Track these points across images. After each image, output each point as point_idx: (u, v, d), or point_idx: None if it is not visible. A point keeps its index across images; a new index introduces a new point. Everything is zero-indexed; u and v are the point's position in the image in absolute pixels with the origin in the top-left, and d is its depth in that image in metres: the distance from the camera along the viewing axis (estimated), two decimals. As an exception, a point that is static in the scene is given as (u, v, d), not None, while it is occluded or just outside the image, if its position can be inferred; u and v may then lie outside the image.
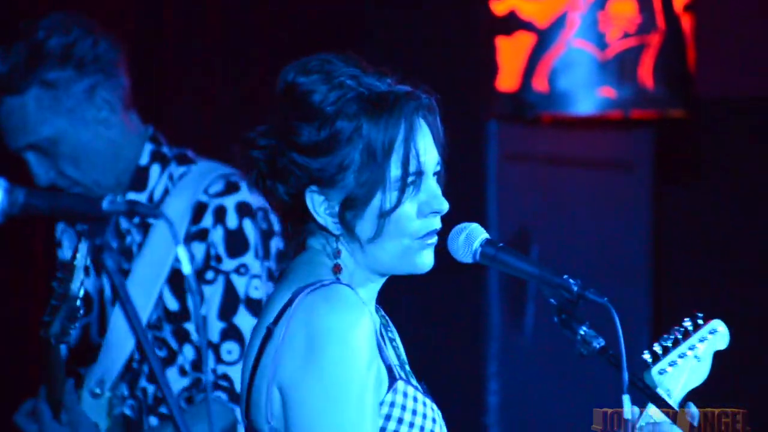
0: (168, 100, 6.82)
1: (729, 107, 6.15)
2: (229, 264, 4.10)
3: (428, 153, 2.74)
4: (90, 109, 4.04)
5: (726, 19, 6.18)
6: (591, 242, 5.45)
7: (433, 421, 2.75)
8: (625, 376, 2.57)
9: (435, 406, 2.78)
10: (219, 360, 4.00)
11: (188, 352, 4.27)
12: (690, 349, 2.98)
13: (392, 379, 2.66)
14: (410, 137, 2.72)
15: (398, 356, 2.89)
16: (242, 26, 6.67)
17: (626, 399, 2.74)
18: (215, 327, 3.99)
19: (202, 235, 4.16)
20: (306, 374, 2.68)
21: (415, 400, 2.71)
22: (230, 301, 4.09)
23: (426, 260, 2.72)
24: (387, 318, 2.96)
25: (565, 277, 2.62)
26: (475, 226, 2.67)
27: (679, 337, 2.99)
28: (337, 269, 2.67)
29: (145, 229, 4.27)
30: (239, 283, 4.09)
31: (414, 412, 2.74)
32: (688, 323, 2.97)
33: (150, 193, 4.28)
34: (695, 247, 5.95)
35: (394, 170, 2.68)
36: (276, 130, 2.69)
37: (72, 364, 4.16)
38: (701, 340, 3.01)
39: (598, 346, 2.54)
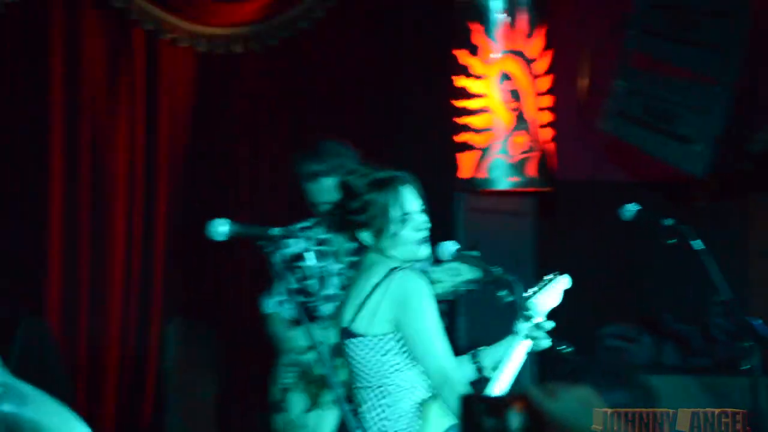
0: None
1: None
2: None
3: (413, 201, 4.57)
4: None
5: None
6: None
7: None
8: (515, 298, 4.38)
9: None
10: None
11: None
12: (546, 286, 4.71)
13: None
14: (400, 197, 4.55)
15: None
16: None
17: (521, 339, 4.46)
18: None
19: None
20: (411, 304, 4.45)
21: None
22: None
23: (422, 253, 4.63)
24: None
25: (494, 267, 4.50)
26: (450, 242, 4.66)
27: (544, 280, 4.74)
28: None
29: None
30: None
31: None
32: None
33: None
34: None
35: (394, 214, 4.53)
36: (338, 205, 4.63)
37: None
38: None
39: (499, 273, 4.41)
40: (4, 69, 7.81)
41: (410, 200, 4.70)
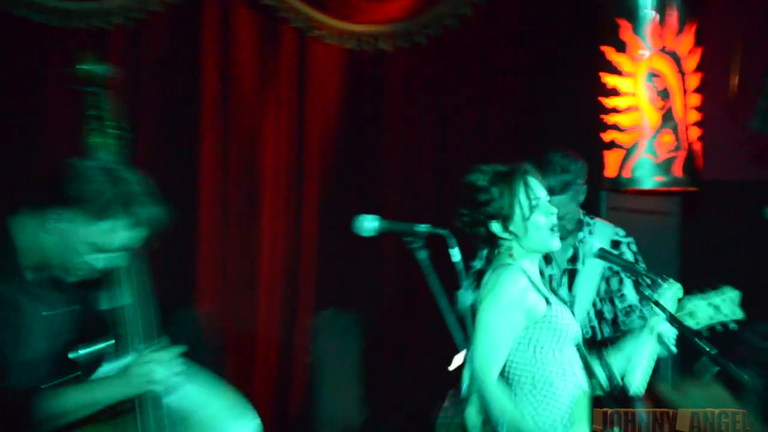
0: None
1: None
2: None
3: (539, 189, 4.72)
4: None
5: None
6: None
7: (570, 321, 4.73)
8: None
9: (569, 313, 4.76)
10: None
11: (605, 329, 6.22)
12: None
13: (548, 303, 4.62)
14: (526, 185, 4.70)
15: (552, 291, 4.85)
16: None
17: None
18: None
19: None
20: (483, 302, 4.62)
21: (559, 313, 4.69)
22: None
23: (554, 243, 4.77)
24: (544, 270, 5.47)
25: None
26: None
27: None
28: (511, 255, 4.74)
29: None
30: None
31: (559, 317, 4.69)
32: None
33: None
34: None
35: (524, 201, 4.68)
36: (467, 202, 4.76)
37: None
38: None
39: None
40: (161, 65, 7.96)
41: (536, 187, 4.81)
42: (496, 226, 4.80)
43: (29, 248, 4.52)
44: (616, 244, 6.22)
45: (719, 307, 5.37)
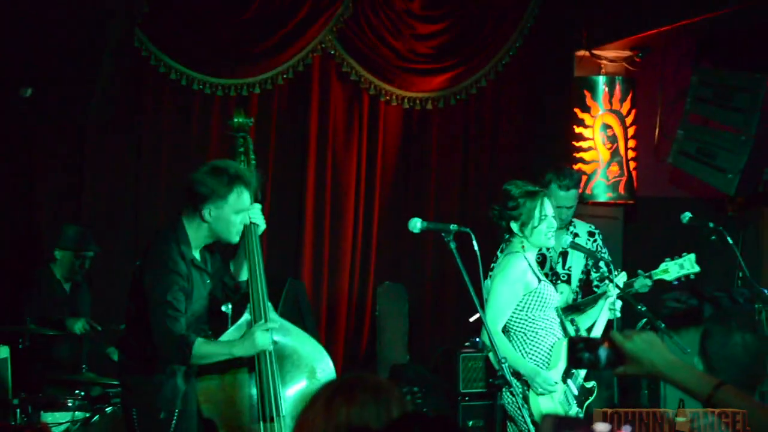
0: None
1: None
2: None
3: (549, 209, 5.55)
4: None
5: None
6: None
7: (553, 294, 5.58)
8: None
9: (553, 288, 5.59)
10: None
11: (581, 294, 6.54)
12: None
13: (539, 281, 5.59)
14: (542, 204, 5.54)
15: (545, 274, 6.13)
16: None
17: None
18: None
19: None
20: (497, 274, 5.59)
21: (546, 288, 5.60)
22: None
23: (550, 242, 5.63)
24: (542, 259, 6.35)
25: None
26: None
27: None
28: (522, 247, 5.62)
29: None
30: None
31: (545, 290, 5.61)
32: None
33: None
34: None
35: (538, 213, 5.52)
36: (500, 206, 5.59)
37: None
38: None
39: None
40: (283, 119, 9.18)
41: (548, 207, 5.65)
42: (514, 225, 5.64)
43: (197, 237, 5.14)
44: (591, 234, 7.00)
45: (683, 265, 6.21)
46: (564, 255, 6.76)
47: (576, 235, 6.85)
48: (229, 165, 5.03)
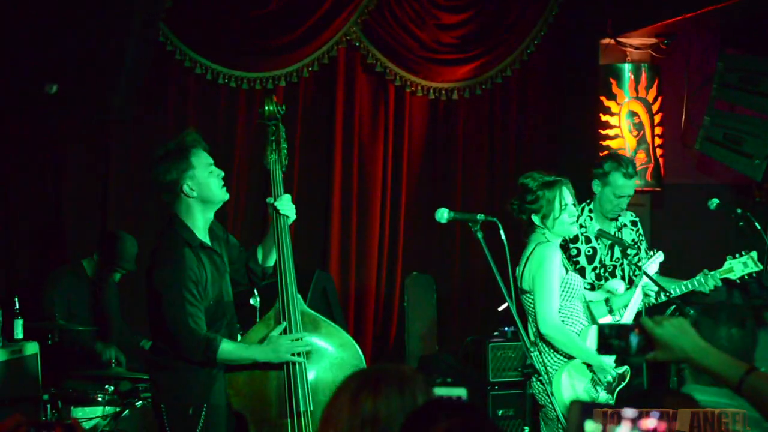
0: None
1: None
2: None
3: (569, 197, 5.48)
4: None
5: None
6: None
7: (579, 283, 5.58)
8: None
9: (579, 277, 5.58)
10: None
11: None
12: None
13: (566, 271, 5.56)
14: (562, 193, 5.49)
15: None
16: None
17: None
18: None
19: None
20: (539, 266, 5.41)
21: (573, 278, 5.59)
22: None
23: (573, 231, 5.66)
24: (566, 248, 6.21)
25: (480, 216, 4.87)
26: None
27: None
28: (545, 237, 5.50)
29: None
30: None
31: (572, 282, 5.57)
32: None
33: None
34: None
35: (558, 203, 5.48)
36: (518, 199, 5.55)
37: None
38: None
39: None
40: (309, 110, 9.16)
41: (568, 195, 5.60)
42: (535, 218, 5.63)
43: (195, 217, 5.16)
44: (634, 223, 6.96)
45: (746, 263, 6.21)
46: (611, 247, 6.71)
47: (624, 225, 6.88)
48: (167, 145, 5.09)
